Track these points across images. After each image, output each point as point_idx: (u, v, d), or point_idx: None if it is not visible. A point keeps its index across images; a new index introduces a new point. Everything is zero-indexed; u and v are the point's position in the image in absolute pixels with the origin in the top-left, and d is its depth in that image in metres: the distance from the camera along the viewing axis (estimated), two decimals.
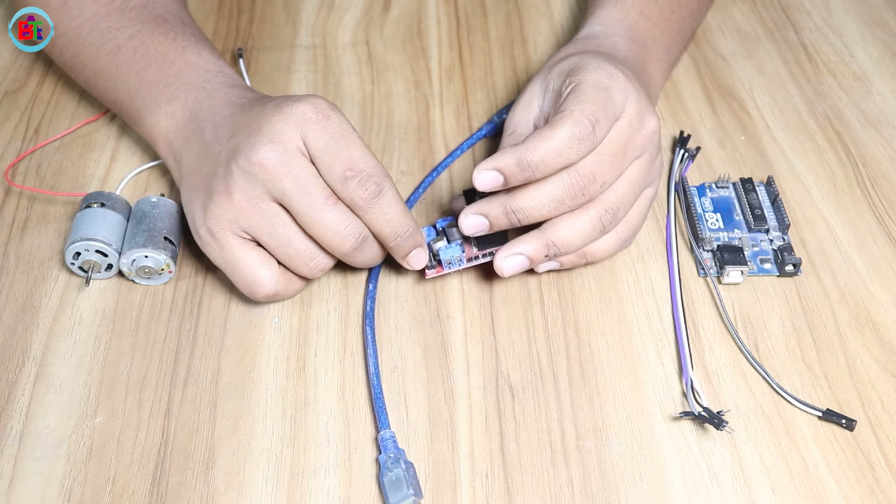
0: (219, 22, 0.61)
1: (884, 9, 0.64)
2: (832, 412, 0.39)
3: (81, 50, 0.48)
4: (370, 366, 0.40)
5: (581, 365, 0.41)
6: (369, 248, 0.40)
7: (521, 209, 0.39)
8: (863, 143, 0.53)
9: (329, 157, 0.38)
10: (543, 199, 0.39)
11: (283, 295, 0.41)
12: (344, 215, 0.38)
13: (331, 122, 0.38)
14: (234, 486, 0.37)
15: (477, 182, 0.39)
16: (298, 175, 0.38)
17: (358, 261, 0.41)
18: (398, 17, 0.62)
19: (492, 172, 0.38)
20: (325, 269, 0.41)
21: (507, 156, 0.38)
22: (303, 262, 0.40)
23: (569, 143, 0.38)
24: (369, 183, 0.38)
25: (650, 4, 0.50)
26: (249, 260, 0.40)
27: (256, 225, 0.39)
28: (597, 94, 0.39)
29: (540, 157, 0.38)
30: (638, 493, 0.37)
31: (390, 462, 0.36)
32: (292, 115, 0.38)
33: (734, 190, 0.49)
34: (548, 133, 0.38)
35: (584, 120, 0.38)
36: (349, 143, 0.38)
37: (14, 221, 0.47)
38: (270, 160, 0.38)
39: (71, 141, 0.52)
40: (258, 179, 0.38)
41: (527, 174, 0.38)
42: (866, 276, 0.45)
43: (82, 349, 0.41)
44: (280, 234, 0.39)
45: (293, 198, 0.38)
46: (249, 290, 0.40)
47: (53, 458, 0.37)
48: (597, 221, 0.41)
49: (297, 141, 0.38)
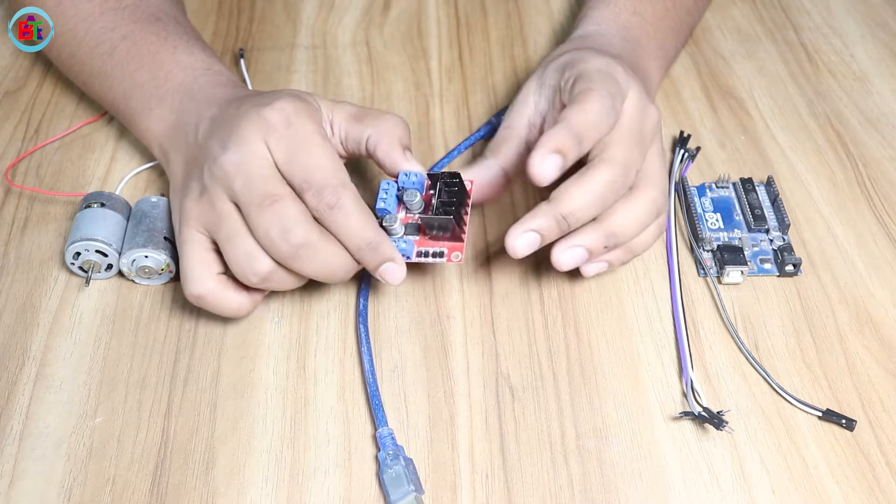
0: (219, 22, 0.61)
1: (884, 9, 0.64)
2: (832, 412, 0.39)
3: (78, 51, 0.49)
4: (365, 363, 0.40)
5: (581, 365, 0.41)
6: (314, 256, 0.37)
7: (571, 213, 0.38)
8: (863, 143, 0.53)
9: (288, 167, 0.38)
10: (589, 199, 0.38)
11: (212, 303, 0.39)
12: (279, 217, 0.36)
13: (292, 129, 0.38)
14: (234, 486, 0.37)
15: (540, 174, 0.37)
16: (248, 174, 0.37)
17: (308, 270, 0.38)
18: (398, 17, 0.62)
19: (551, 156, 0.37)
20: (263, 274, 0.38)
21: (557, 133, 0.37)
22: (240, 263, 0.38)
23: (601, 114, 0.38)
24: (324, 194, 0.37)
25: (643, 3, 0.50)
26: (193, 255, 0.39)
27: (211, 222, 0.38)
28: (603, 76, 0.40)
29: (583, 127, 0.37)
30: (638, 493, 0.37)
31: (390, 459, 0.36)
32: (258, 122, 0.38)
33: (734, 190, 0.49)
34: (580, 107, 0.38)
35: (605, 92, 0.38)
36: (308, 152, 0.38)
37: (14, 221, 0.47)
38: (230, 162, 0.38)
39: (71, 141, 0.52)
40: (218, 180, 0.38)
41: (577, 149, 0.37)
42: (866, 276, 0.45)
43: (82, 349, 0.41)
44: (226, 229, 0.38)
45: (240, 196, 0.37)
46: (183, 286, 0.39)
47: (53, 458, 0.37)
48: (651, 205, 0.40)
49: (259, 146, 0.38)
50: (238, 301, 0.40)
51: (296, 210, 0.37)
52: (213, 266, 0.39)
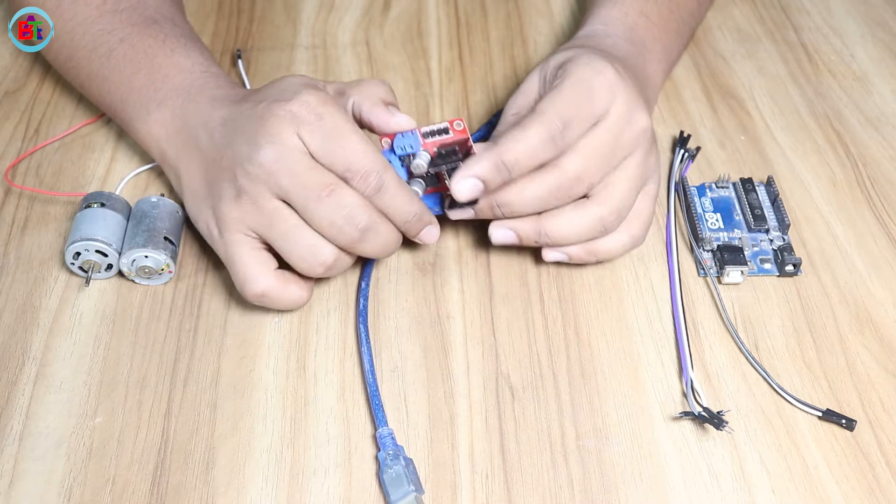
0: (219, 22, 0.61)
1: (884, 9, 0.64)
2: (832, 412, 0.39)
3: (76, 53, 0.49)
4: (365, 363, 0.40)
5: (581, 365, 0.41)
6: (376, 237, 0.39)
7: (506, 204, 0.41)
8: (863, 143, 0.53)
9: (328, 157, 0.38)
10: (527, 198, 0.40)
11: (275, 298, 0.40)
12: (341, 206, 0.38)
13: (324, 121, 0.38)
14: (234, 486, 0.37)
15: (458, 194, 0.40)
16: (294, 169, 0.38)
17: (368, 250, 0.40)
18: (398, 17, 0.62)
19: (471, 180, 0.39)
20: (329, 263, 0.39)
21: (483, 161, 0.39)
22: (302, 257, 0.39)
23: (541, 143, 0.39)
24: (369, 179, 0.38)
25: (650, 4, 0.50)
26: (246, 258, 0.39)
27: (259, 222, 0.39)
28: (576, 93, 0.40)
29: (514, 157, 0.39)
30: (638, 493, 0.37)
31: (390, 459, 0.36)
32: (286, 117, 0.38)
33: (734, 190, 0.49)
34: (519, 134, 0.39)
35: (556, 120, 0.39)
36: (344, 141, 0.38)
37: (14, 221, 0.47)
38: (269, 159, 0.38)
39: (71, 141, 0.52)
40: (260, 180, 0.38)
41: (504, 176, 0.39)
42: (866, 276, 0.45)
43: (82, 349, 0.41)
44: (280, 227, 0.39)
45: (291, 192, 0.38)
46: (241, 288, 0.40)
47: (53, 458, 0.37)
48: (596, 221, 0.41)
49: (293, 139, 0.38)
50: (299, 293, 0.41)
51: (353, 196, 0.38)
52: (269, 263, 0.40)
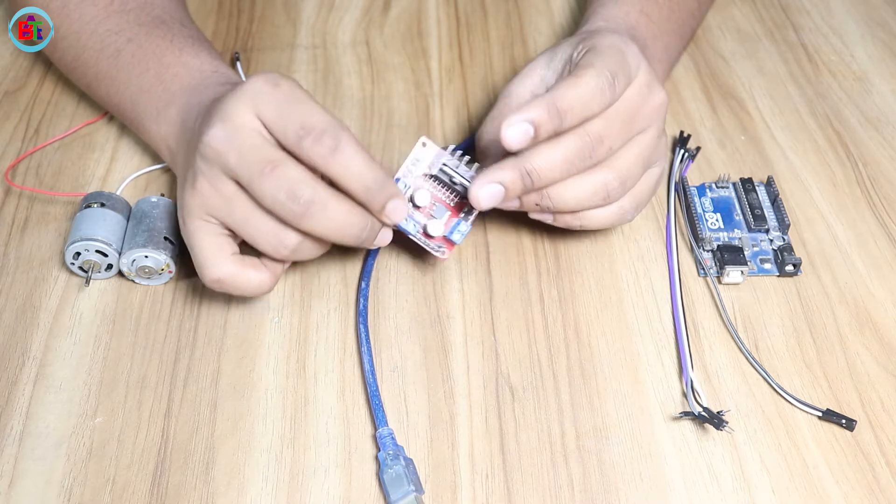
0: (219, 22, 0.61)
1: (884, 9, 0.64)
2: (832, 412, 0.39)
3: (82, 54, 0.48)
4: (365, 363, 0.40)
5: (581, 365, 0.41)
6: (323, 212, 0.37)
7: (535, 170, 0.39)
8: (863, 143, 0.53)
9: (281, 121, 0.37)
10: (555, 160, 0.39)
11: (232, 284, 0.39)
12: (284, 180, 0.36)
13: (280, 89, 0.37)
14: (234, 486, 0.37)
15: (508, 138, 0.37)
16: (240, 147, 0.37)
17: (320, 229, 0.37)
18: (398, 17, 0.62)
19: (523, 125, 0.37)
20: (293, 246, 0.38)
21: (537, 105, 0.38)
22: (265, 240, 0.38)
23: (593, 92, 0.38)
24: (324, 138, 0.36)
25: (650, 4, 0.50)
26: (204, 243, 0.38)
27: (217, 207, 0.38)
28: (613, 53, 0.40)
29: (569, 104, 0.38)
30: (638, 493, 0.37)
31: (390, 459, 0.36)
32: (243, 93, 0.37)
33: (734, 190, 0.49)
34: (574, 81, 0.38)
35: (606, 72, 0.39)
36: (300, 104, 0.37)
37: (14, 221, 0.47)
38: (218, 139, 0.37)
39: (71, 141, 0.52)
40: (211, 160, 0.37)
41: (555, 124, 0.38)
42: (866, 276, 0.45)
43: (82, 349, 0.41)
44: (238, 212, 0.38)
45: (238, 171, 0.37)
46: (200, 274, 0.39)
47: (53, 458, 0.37)
48: (601, 187, 0.40)
49: (247, 117, 0.37)
50: (259, 278, 0.39)
51: (297, 170, 0.37)
52: (226, 248, 0.39)
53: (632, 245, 0.46)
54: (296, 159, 0.37)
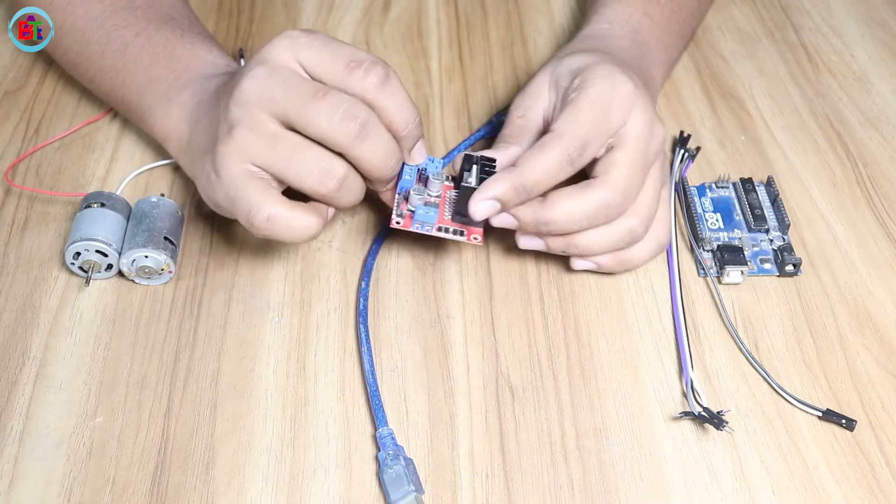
0: (219, 22, 0.61)
1: (884, 9, 0.64)
2: (832, 412, 0.39)
3: (86, 48, 0.48)
4: (365, 363, 0.40)
5: (581, 365, 0.41)
6: (377, 137, 0.37)
7: (552, 220, 0.40)
8: (863, 143, 0.53)
9: (329, 57, 0.37)
10: (575, 213, 0.40)
11: (283, 224, 0.37)
12: (338, 103, 0.36)
13: (318, 35, 0.38)
14: (234, 486, 0.37)
15: (475, 214, 0.39)
16: (285, 80, 0.37)
17: (370, 154, 0.37)
18: (398, 17, 0.62)
19: (489, 202, 0.39)
20: (341, 175, 0.37)
21: (502, 182, 0.39)
22: (311, 172, 0.37)
23: (560, 166, 0.39)
24: (376, 67, 0.37)
25: (652, 5, 0.50)
26: (250, 184, 0.37)
27: (258, 150, 0.37)
28: (593, 111, 0.40)
29: (534, 180, 0.39)
30: (638, 493, 0.37)
31: (390, 459, 0.36)
32: (280, 41, 0.38)
33: (734, 190, 0.49)
34: (539, 156, 0.39)
35: (574, 142, 0.39)
36: (341, 44, 0.38)
37: (14, 221, 0.47)
38: (259, 77, 0.37)
39: (71, 141, 0.52)
40: (252, 103, 0.37)
41: (522, 197, 0.39)
42: (866, 276, 0.45)
43: (82, 349, 0.41)
44: (281, 148, 0.37)
45: (284, 103, 0.36)
46: (247, 220, 0.37)
47: (53, 458, 0.37)
48: (626, 233, 0.41)
49: (287, 58, 0.37)
50: (308, 220, 0.38)
51: (348, 96, 0.37)
52: (273, 189, 0.38)
53: None
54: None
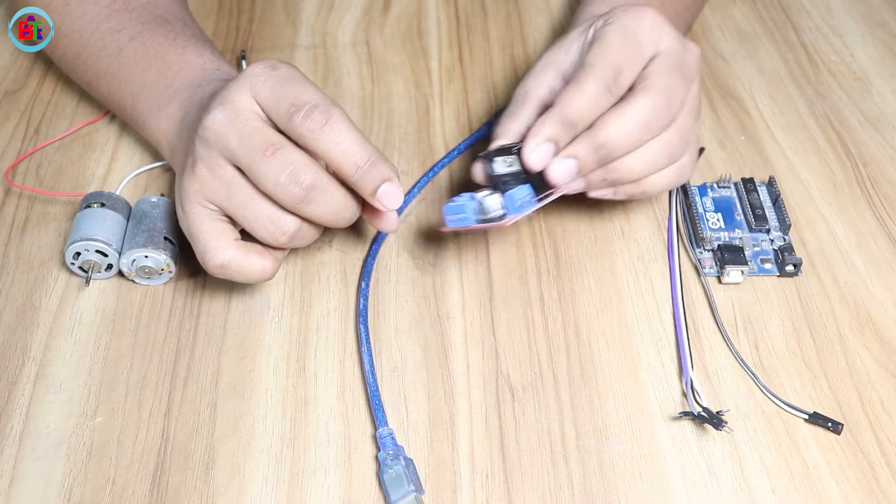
0: (219, 22, 0.61)
1: (884, 9, 0.64)
2: (819, 415, 0.39)
3: (83, 52, 0.48)
4: (365, 363, 0.40)
5: (581, 365, 0.41)
6: (324, 196, 0.37)
7: (609, 140, 0.38)
8: (863, 143, 0.53)
9: (275, 100, 0.37)
10: (631, 127, 0.38)
11: (237, 269, 0.38)
12: (286, 163, 0.36)
13: (278, 71, 0.38)
14: (234, 486, 0.37)
15: (532, 162, 0.37)
16: (242, 130, 0.37)
17: (319, 213, 0.37)
18: (398, 17, 0.62)
19: (543, 145, 0.37)
20: (291, 232, 0.38)
21: (548, 122, 0.37)
22: (262, 226, 0.38)
23: (599, 95, 0.38)
24: (314, 113, 0.36)
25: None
26: (205, 227, 0.38)
27: (216, 191, 0.38)
28: (621, 39, 0.39)
29: (578, 112, 0.38)
30: (638, 493, 0.37)
31: (390, 459, 0.36)
32: (242, 78, 0.38)
33: (735, 190, 0.49)
34: (576, 89, 0.38)
35: (608, 69, 0.38)
36: (294, 83, 0.37)
37: (14, 221, 0.47)
38: (219, 121, 0.37)
39: (71, 141, 0.52)
40: (210, 144, 0.37)
41: (571, 133, 0.38)
42: (866, 276, 0.45)
43: (82, 349, 0.41)
44: (237, 196, 0.38)
45: (238, 154, 0.37)
46: (202, 260, 0.39)
47: (53, 458, 0.37)
48: (665, 147, 0.40)
49: (246, 100, 0.37)
50: (262, 264, 0.39)
51: (298, 154, 0.37)
52: (228, 233, 0.39)
53: (632, 245, 0.46)
54: (294, 143, 0.37)
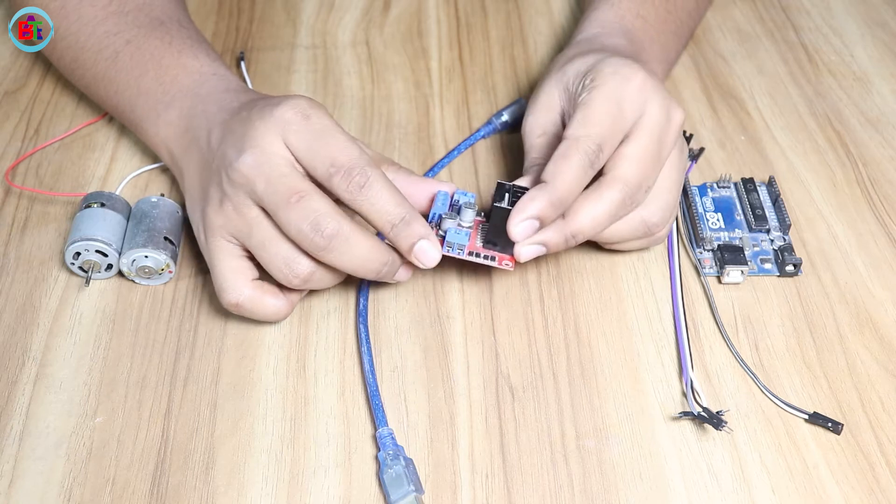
0: (219, 22, 0.61)
1: (884, 9, 0.64)
2: (819, 415, 0.39)
3: (80, 55, 0.48)
4: (365, 363, 0.40)
5: (581, 365, 0.41)
6: (346, 246, 0.37)
7: (580, 231, 0.40)
8: (863, 143, 0.53)
9: (311, 156, 0.38)
10: (599, 218, 0.40)
11: (250, 309, 0.40)
12: (309, 211, 0.37)
13: (310, 121, 0.38)
14: (234, 486, 0.37)
15: (517, 236, 0.38)
16: (269, 175, 0.37)
17: (341, 262, 0.38)
18: (398, 17, 0.62)
19: (527, 222, 0.38)
20: (304, 275, 0.38)
21: (539, 200, 0.38)
22: (278, 267, 0.38)
23: (584, 171, 0.38)
24: (352, 175, 0.37)
25: (646, 6, 0.50)
26: (225, 265, 0.39)
27: (240, 230, 0.39)
28: (606, 109, 0.40)
29: (566, 191, 0.38)
30: (638, 493, 0.37)
31: (390, 459, 0.36)
32: (272, 120, 0.38)
33: (735, 190, 0.49)
34: (563, 165, 0.38)
35: (591, 145, 0.39)
36: (330, 139, 0.38)
37: (14, 221, 0.47)
38: (248, 165, 0.37)
39: (71, 141, 0.52)
40: (239, 185, 0.38)
41: (558, 211, 0.38)
42: (866, 276, 0.45)
43: (82, 349, 0.41)
44: (258, 236, 0.38)
45: (265, 198, 0.37)
46: (219, 296, 0.40)
47: (53, 458, 0.37)
48: (639, 223, 0.42)
49: (276, 145, 0.38)
50: (276, 305, 0.40)
51: (323, 203, 0.37)
52: (247, 273, 0.40)
53: None
54: (323, 191, 0.38)
